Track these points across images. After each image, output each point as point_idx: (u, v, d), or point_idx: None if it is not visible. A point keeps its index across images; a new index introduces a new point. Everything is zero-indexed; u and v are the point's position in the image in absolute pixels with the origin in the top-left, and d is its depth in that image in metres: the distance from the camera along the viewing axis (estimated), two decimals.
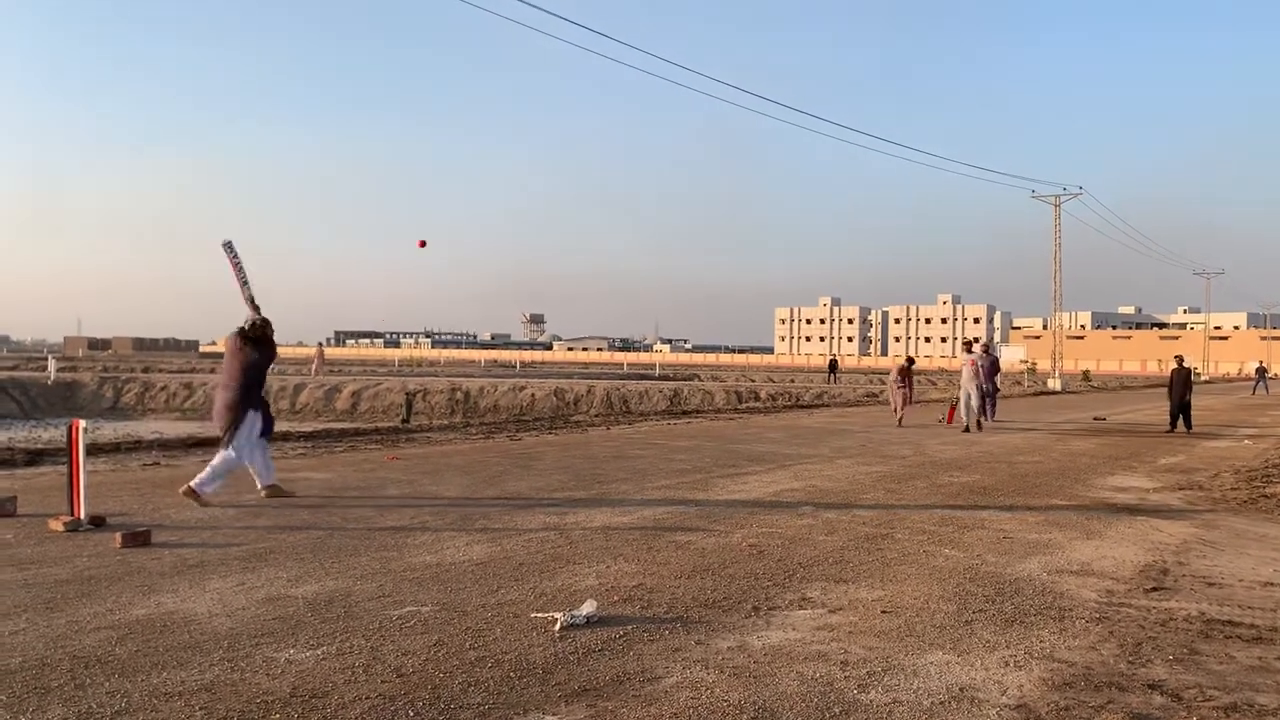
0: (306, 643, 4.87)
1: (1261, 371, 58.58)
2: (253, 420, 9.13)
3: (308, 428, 20.42)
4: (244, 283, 9.46)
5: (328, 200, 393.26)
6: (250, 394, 9.13)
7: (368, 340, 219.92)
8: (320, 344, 65.48)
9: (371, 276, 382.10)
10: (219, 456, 9.03)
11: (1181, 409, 21.20)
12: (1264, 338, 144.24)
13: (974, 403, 20.56)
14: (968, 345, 21.86)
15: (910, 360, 23.36)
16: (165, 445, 14.31)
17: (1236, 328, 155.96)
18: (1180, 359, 22.49)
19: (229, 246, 9.43)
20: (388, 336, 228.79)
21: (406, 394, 38.61)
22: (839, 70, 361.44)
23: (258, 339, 9.25)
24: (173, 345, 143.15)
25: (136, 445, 14.32)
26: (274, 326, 9.39)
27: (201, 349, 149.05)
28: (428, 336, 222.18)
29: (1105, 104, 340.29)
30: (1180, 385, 21.33)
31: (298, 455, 13.43)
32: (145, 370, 52.73)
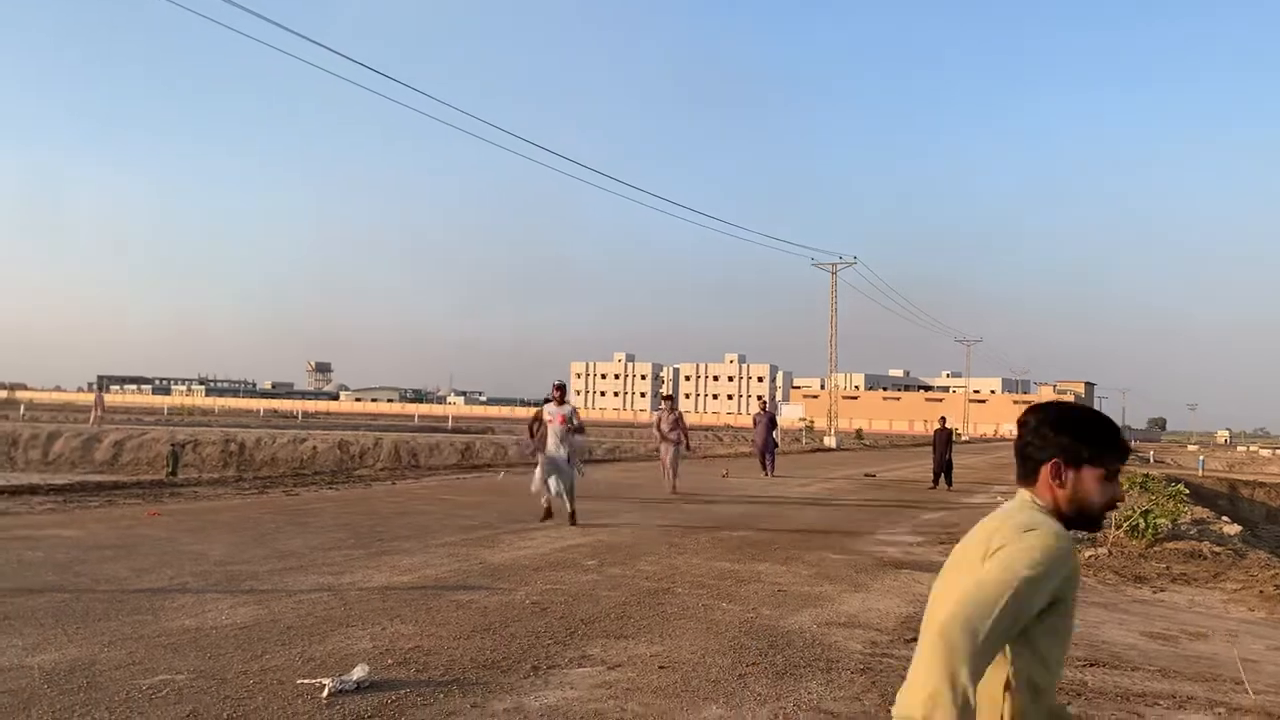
0: (40, 718, 4.42)
1: None
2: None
3: (60, 480, 18.81)
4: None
5: (92, 236, 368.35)
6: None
7: (134, 386, 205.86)
8: (99, 390, 60.60)
9: (140, 318, 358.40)
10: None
11: (944, 467, 22.70)
12: (1016, 401, 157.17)
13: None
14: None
15: (671, 399, 20.43)
16: None
17: (993, 391, 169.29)
18: (943, 420, 24.11)
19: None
20: (157, 383, 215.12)
21: (173, 445, 36.23)
22: (640, 136, 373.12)
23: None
24: None
25: None
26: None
27: None
28: (202, 383, 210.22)
29: (881, 182, 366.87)
30: (942, 445, 22.86)
31: (45, 510, 12.31)
32: None
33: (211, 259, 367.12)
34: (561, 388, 13.47)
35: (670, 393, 20.79)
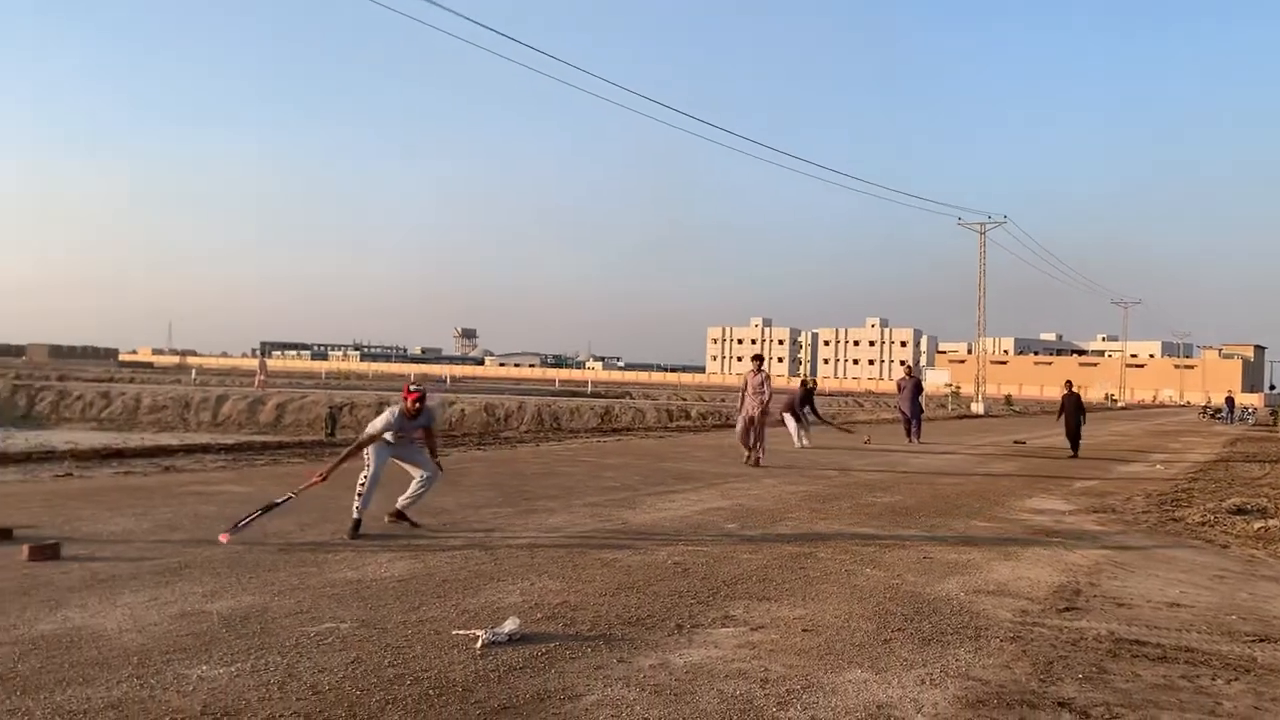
0: (220, 659, 4.76)
1: (1230, 403, 59.46)
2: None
3: (229, 440, 19.99)
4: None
5: (256, 207, 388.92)
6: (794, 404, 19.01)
7: (294, 352, 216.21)
8: (262, 357, 63.97)
9: (299, 286, 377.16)
10: (794, 428, 19.69)
11: (1074, 433, 21.42)
12: (1177, 366, 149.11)
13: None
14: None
15: (759, 360, 17.23)
16: (79, 456, 13.87)
17: (1151, 355, 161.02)
18: (1069, 384, 22.67)
19: None
20: (315, 348, 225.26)
21: (331, 408, 37.97)
22: (779, 98, 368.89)
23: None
24: (90, 353, 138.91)
25: (49, 455, 13.89)
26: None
27: (121, 357, 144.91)
28: (356, 349, 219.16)
29: (1031, 137, 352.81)
30: (1073, 409, 21.63)
31: (217, 468, 13.13)
32: (60, 378, 51.08)
33: (365, 229, 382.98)
34: (758, 358, 8.33)
35: (760, 352, 19.29)
